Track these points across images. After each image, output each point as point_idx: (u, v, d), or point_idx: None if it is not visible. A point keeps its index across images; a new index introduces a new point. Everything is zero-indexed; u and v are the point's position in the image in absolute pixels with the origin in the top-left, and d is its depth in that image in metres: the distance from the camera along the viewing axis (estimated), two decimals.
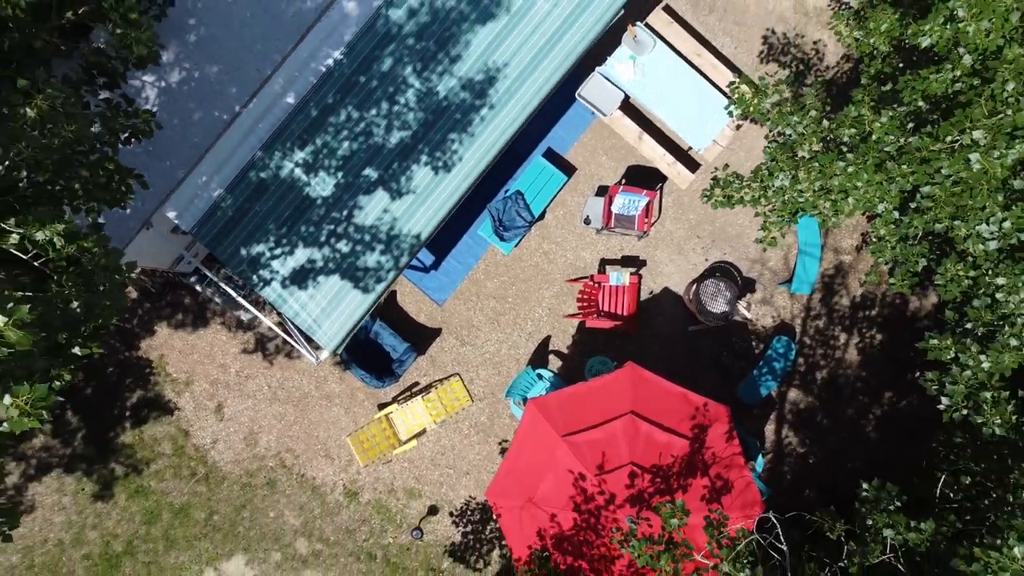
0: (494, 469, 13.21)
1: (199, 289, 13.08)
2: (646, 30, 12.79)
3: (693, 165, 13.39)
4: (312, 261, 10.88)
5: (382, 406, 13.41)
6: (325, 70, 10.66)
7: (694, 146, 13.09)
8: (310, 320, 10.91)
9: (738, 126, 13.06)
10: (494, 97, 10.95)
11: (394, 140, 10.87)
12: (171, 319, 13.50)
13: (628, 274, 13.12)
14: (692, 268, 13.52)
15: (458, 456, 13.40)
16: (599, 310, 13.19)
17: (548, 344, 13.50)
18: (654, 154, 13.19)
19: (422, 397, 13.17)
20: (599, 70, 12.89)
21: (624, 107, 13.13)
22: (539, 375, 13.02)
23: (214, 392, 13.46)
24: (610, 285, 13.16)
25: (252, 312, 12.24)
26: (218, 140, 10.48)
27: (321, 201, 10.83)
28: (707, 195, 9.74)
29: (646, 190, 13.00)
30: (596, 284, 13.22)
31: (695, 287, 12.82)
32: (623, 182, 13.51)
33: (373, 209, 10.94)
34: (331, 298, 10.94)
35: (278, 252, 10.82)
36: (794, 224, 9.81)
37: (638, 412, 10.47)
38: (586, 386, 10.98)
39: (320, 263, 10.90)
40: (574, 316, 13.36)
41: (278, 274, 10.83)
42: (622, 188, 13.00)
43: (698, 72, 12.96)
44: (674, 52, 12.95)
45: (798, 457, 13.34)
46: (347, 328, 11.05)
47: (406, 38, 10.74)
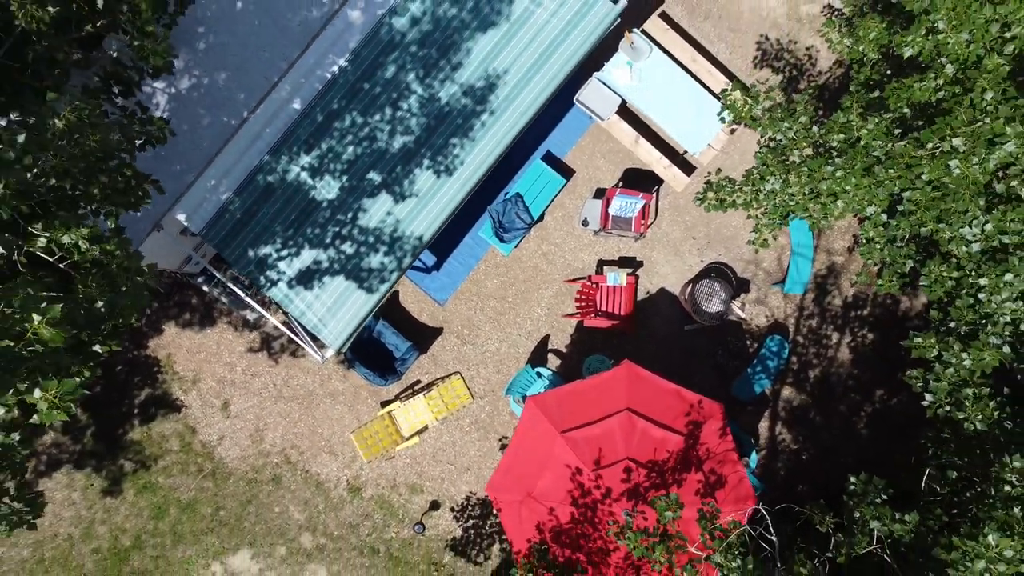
0: (494, 465, 13.33)
1: (206, 289, 13.21)
2: (642, 37, 12.85)
3: (689, 168, 13.49)
4: (318, 262, 11.03)
5: (385, 403, 13.52)
6: (330, 77, 10.86)
7: (689, 150, 13.16)
8: (316, 319, 11.07)
9: (732, 130, 13.08)
10: (494, 103, 11.10)
11: (397, 145, 11.04)
12: (178, 318, 13.63)
13: (625, 275, 13.20)
14: (688, 269, 13.63)
15: (459, 452, 13.52)
16: (597, 310, 13.28)
17: (547, 343, 13.61)
18: (650, 157, 13.25)
19: (424, 395, 13.27)
20: (597, 76, 12.95)
21: (621, 112, 13.20)
22: (538, 373, 13.13)
23: (221, 390, 13.61)
24: (607, 285, 13.24)
25: (258, 311, 12.35)
26: (227, 145, 10.69)
27: (326, 204, 10.99)
28: (700, 198, 9.75)
29: (643, 193, 13.11)
30: (594, 284, 13.30)
31: (691, 287, 12.94)
32: (620, 185, 13.60)
33: (377, 212, 11.10)
34: (336, 298, 11.08)
35: (285, 253, 10.97)
36: (785, 226, 9.97)
37: (634, 409, 10.54)
38: (584, 384, 11.06)
39: (325, 264, 11.04)
40: (572, 316, 13.43)
41: (284, 275, 10.97)
42: (619, 191, 13.11)
43: (693, 78, 13.02)
44: (670, 58, 13.03)
45: (791, 453, 13.46)
46: (352, 327, 11.17)
47: (409, 46, 10.92)
